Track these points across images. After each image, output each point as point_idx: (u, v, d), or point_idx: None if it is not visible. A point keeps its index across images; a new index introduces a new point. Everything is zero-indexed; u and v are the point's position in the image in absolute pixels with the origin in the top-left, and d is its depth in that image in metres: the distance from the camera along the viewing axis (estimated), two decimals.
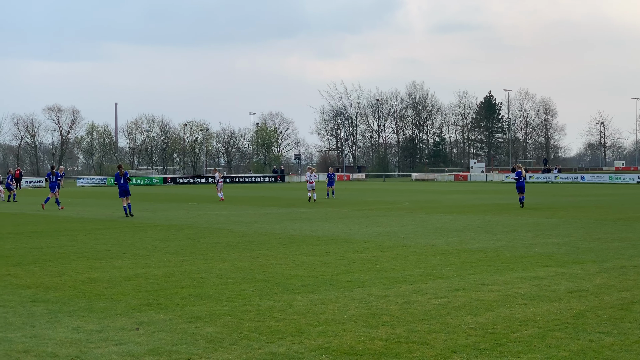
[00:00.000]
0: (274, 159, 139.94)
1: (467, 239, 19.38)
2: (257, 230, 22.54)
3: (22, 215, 31.82)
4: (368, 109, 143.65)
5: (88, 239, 20.11)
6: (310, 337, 8.40)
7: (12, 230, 23.45)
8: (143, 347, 7.99)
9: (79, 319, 9.42)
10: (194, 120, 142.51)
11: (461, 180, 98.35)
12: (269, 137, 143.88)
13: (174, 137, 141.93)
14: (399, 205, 37.36)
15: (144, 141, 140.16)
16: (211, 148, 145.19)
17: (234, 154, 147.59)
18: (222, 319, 9.37)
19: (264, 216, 29.14)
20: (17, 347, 7.98)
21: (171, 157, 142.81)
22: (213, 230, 22.48)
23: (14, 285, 12.14)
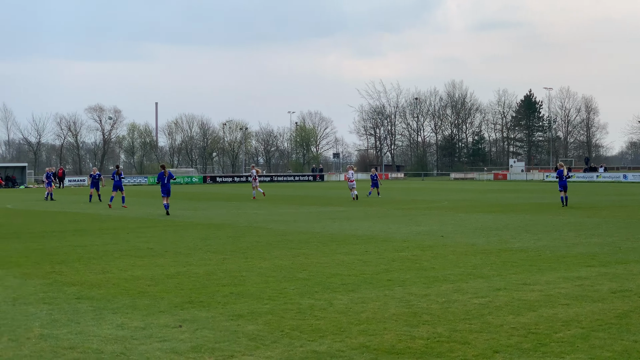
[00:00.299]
0: (313, 158, 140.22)
1: (507, 238, 19.26)
2: (297, 229, 22.62)
3: (65, 213, 32.26)
4: (407, 107, 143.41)
5: (130, 237, 20.36)
6: (351, 336, 8.43)
7: (56, 228, 23.80)
8: (186, 344, 8.09)
9: (123, 316, 9.55)
10: (233, 119, 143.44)
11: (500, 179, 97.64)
12: (308, 136, 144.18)
13: (214, 136, 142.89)
14: (438, 204, 37.22)
15: (184, 140, 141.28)
16: (250, 147, 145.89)
17: (273, 153, 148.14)
18: (263, 317, 9.45)
19: (303, 215, 29.23)
20: (63, 344, 8.12)
21: (210, 156, 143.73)
22: (253, 229, 22.61)
23: (59, 283, 12.34)
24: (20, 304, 10.45)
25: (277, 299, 10.75)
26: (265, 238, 19.71)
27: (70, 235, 21.00)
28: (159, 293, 11.29)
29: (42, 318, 9.48)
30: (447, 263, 14.53)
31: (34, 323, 9.18)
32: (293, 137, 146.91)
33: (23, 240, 19.79)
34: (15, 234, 21.53)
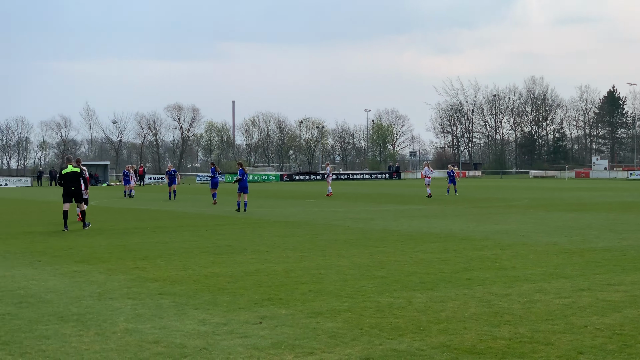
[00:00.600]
0: (389, 155, 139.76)
1: (590, 237, 18.85)
2: (374, 227, 22.59)
3: (146, 210, 32.92)
4: (485, 105, 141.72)
5: (210, 234, 20.64)
6: (431, 335, 8.38)
7: (137, 225, 24.30)
8: (267, 340, 8.16)
9: (204, 312, 9.70)
10: (309, 117, 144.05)
11: (582, 177, 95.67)
12: (384, 134, 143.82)
13: (290, 134, 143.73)
14: (517, 202, 36.69)
15: (261, 138, 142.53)
16: (326, 145, 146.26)
17: (349, 151, 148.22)
18: (342, 315, 9.47)
19: (380, 213, 29.18)
20: (147, 338, 8.29)
21: (287, 154, 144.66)
22: (330, 227, 22.67)
23: (142, 279, 12.60)
24: (106, 299, 10.71)
25: (355, 296, 10.76)
26: (343, 236, 19.74)
27: (151, 232, 21.41)
28: (239, 290, 11.42)
29: (127, 313, 9.70)
30: (528, 262, 14.31)
31: (119, 317, 9.40)
32: (369, 135, 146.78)
33: (107, 236, 20.28)
34: (99, 231, 22.08)
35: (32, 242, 18.95)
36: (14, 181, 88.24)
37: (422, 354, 7.60)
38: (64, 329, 8.78)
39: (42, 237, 20.20)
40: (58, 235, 20.95)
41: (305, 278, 12.54)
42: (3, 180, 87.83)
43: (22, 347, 7.98)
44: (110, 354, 7.64)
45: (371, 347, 7.84)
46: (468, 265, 13.96)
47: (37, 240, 19.46)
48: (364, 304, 10.20)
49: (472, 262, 14.31)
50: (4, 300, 10.72)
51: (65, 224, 22.61)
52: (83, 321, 9.21)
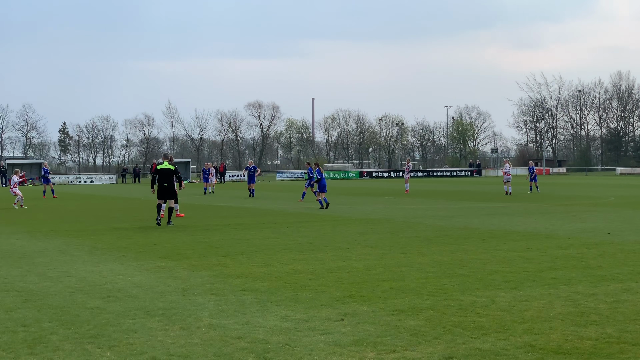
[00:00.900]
0: (470, 152, 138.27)
1: None
2: (455, 224, 22.39)
3: (227, 208, 33.33)
4: (569, 100, 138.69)
5: (290, 231, 20.78)
6: (516, 334, 8.26)
7: (219, 222, 24.63)
8: (349, 337, 8.17)
9: (286, 309, 9.77)
10: (389, 114, 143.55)
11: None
12: (465, 131, 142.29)
13: (370, 131, 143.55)
14: (603, 200, 35.84)
15: (340, 135, 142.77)
16: (406, 142, 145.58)
17: (429, 148, 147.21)
18: (424, 313, 9.41)
19: (461, 210, 28.90)
20: (231, 333, 8.40)
21: (367, 151, 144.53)
22: (411, 224, 22.56)
23: (224, 275, 12.76)
24: (190, 295, 10.89)
25: (437, 294, 10.68)
26: (424, 233, 19.62)
27: (233, 229, 21.67)
28: (320, 287, 11.46)
29: (210, 308, 9.84)
30: (615, 262, 13.97)
31: (203, 313, 9.55)
32: (450, 131, 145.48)
33: (189, 233, 20.61)
34: (181, 227, 22.45)
35: (118, 238, 19.41)
36: (99, 178, 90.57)
37: (507, 353, 7.50)
38: (150, 323, 8.96)
39: (127, 233, 20.66)
40: (143, 231, 21.40)
41: (386, 275, 12.51)
42: (89, 178, 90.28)
43: (110, 340, 8.18)
44: (195, 349, 7.77)
45: (454, 346, 7.77)
46: (553, 264, 13.70)
47: (123, 236, 19.91)
48: (446, 302, 10.12)
49: (557, 261, 14.04)
50: (93, 294, 11.01)
51: (158, 219, 23.26)
52: (168, 316, 9.39)
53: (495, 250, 15.86)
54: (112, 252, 16.19)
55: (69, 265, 14.22)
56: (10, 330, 8.70)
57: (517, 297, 10.42)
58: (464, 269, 13.19)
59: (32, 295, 11.01)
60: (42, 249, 17.03)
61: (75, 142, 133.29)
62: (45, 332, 8.55)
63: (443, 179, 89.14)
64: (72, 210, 32.42)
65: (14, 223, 25.01)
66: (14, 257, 15.49)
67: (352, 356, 7.44)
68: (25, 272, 13.30)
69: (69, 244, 17.90)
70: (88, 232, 21.05)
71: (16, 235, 20.35)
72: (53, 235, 20.24)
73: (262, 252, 15.99)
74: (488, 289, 11.14)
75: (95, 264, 14.28)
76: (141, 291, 11.22)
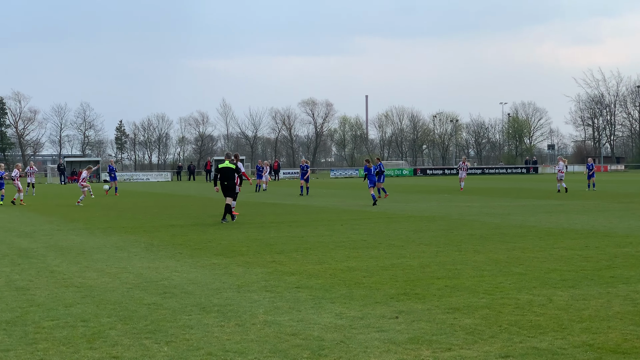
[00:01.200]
0: (526, 149, 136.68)
1: None
2: (511, 222, 22.15)
3: (281, 205, 33.46)
4: (628, 96, 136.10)
5: (344, 229, 20.78)
6: (573, 333, 8.14)
7: (273, 219, 24.74)
8: (404, 335, 8.14)
9: (341, 306, 9.77)
10: (443, 111, 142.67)
11: None
12: (521, 128, 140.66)
13: (424, 128, 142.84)
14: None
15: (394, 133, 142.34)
16: (461, 139, 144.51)
17: (484, 145, 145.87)
18: (480, 311, 9.33)
19: (517, 208, 28.58)
20: (286, 330, 8.44)
21: (420, 148, 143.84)
22: (466, 222, 22.39)
23: (279, 272, 12.82)
24: (245, 291, 10.96)
25: (493, 293, 10.58)
26: (479, 231, 19.45)
27: (287, 226, 21.75)
28: (375, 284, 11.45)
29: (265, 305, 9.90)
30: None
31: (258, 309, 9.60)
32: (505, 128, 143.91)
33: (244, 230, 20.75)
34: (236, 224, 22.62)
35: (174, 235, 19.63)
36: (155, 176, 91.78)
37: (564, 352, 7.39)
38: (206, 319, 9.05)
39: (182, 230, 20.88)
40: (197, 228, 21.60)
41: (441, 273, 12.44)
42: (145, 175, 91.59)
43: (167, 335, 8.28)
44: (250, 345, 7.82)
45: (511, 345, 7.69)
46: (611, 262, 13.47)
47: (178, 233, 20.13)
48: (502, 300, 10.02)
49: (616, 260, 13.80)
50: (149, 290, 11.16)
51: (224, 216, 23.68)
52: (224, 312, 9.47)
53: (553, 248, 15.65)
54: (168, 249, 16.38)
55: (126, 261, 14.43)
56: (70, 325, 8.86)
57: (575, 296, 10.27)
58: (521, 267, 13.04)
59: (91, 291, 11.20)
60: (100, 245, 17.32)
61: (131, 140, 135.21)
62: (104, 327, 8.70)
63: (498, 176, 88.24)
64: (128, 207, 32.90)
65: (73, 220, 25.47)
66: (72, 254, 15.78)
67: (407, 354, 7.42)
68: (84, 268, 13.54)
69: (126, 241, 18.17)
70: (144, 229, 21.33)
71: (75, 232, 20.73)
72: (110, 232, 20.57)
73: (316, 249, 16.03)
74: (545, 287, 11.00)
75: (151, 261, 14.47)
76: (197, 288, 11.33)
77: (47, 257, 15.32)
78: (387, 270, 12.80)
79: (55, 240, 18.67)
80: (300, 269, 13.15)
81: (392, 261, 13.97)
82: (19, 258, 15.16)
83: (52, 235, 20.02)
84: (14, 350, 7.73)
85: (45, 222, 24.81)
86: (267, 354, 7.50)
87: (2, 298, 10.68)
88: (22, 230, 21.70)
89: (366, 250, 15.67)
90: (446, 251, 15.38)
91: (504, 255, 14.64)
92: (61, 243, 17.90)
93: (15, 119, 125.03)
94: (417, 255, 14.75)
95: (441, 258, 14.34)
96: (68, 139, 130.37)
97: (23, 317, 9.32)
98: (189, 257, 14.94)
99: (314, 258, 14.57)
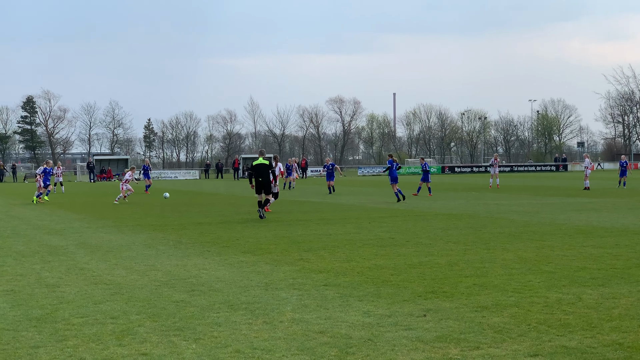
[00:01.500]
0: (555, 147, 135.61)
1: None
2: (540, 220, 21.99)
3: (308, 202, 33.47)
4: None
5: (372, 226, 20.75)
6: (603, 332, 8.07)
7: (301, 217, 24.76)
8: (431, 333, 8.12)
9: (368, 304, 9.76)
10: (471, 108, 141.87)
11: None
12: (550, 125, 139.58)
13: (452, 126, 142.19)
14: None
15: (422, 130, 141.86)
16: (489, 137, 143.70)
17: (513, 143, 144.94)
18: (508, 310, 9.27)
19: (546, 206, 28.37)
20: (313, 328, 8.44)
21: (448, 146, 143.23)
22: (494, 220, 22.26)
23: (306, 270, 12.83)
24: (272, 289, 10.98)
25: (522, 291, 10.51)
26: (507, 229, 19.34)
27: (315, 224, 21.76)
28: (402, 282, 11.42)
29: (293, 303, 9.91)
30: None
31: (286, 307, 9.62)
32: (534, 126, 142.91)
33: (271, 228, 20.78)
34: (264, 222, 22.66)
35: (202, 232, 19.71)
36: (183, 174, 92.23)
37: (594, 351, 7.33)
38: (234, 317, 9.08)
39: (210, 228, 20.96)
40: (225, 226, 21.68)
41: (469, 271, 12.38)
42: (173, 173, 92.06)
43: (195, 333, 8.32)
44: (278, 342, 7.84)
45: (539, 344, 7.64)
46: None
47: (206, 231, 20.21)
48: (531, 299, 9.95)
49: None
50: (178, 287, 11.21)
51: (260, 213, 23.98)
52: (252, 310, 9.50)
53: (582, 246, 15.52)
54: (196, 247, 16.46)
55: (155, 259, 14.52)
56: (99, 322, 8.93)
57: (605, 295, 10.17)
58: (550, 265, 12.95)
59: (120, 288, 11.28)
60: (129, 242, 17.44)
61: (159, 138, 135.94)
62: (133, 324, 8.76)
63: (527, 173, 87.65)
64: (156, 205, 33.08)
65: (102, 217, 25.66)
66: (102, 251, 15.91)
67: (435, 352, 7.39)
68: (113, 266, 13.64)
69: (154, 238, 18.28)
70: (172, 227, 21.44)
71: (104, 230, 20.89)
72: (139, 230, 20.70)
73: (344, 247, 16.02)
74: (574, 286, 10.91)
75: (179, 258, 14.54)
76: (225, 285, 11.37)
77: (77, 254, 15.46)
78: (415, 268, 12.76)
79: (84, 237, 18.83)
80: (328, 266, 13.15)
81: (419, 259, 13.93)
82: (49, 255, 15.31)
83: (82, 232, 20.20)
84: (44, 347, 7.80)
85: (75, 219, 25.03)
86: (294, 351, 7.51)
87: (33, 295, 10.79)
88: (53, 227, 21.91)
89: (394, 248, 15.63)
90: (474, 249, 15.31)
91: (532, 253, 14.54)
92: (90, 240, 18.05)
93: (45, 117, 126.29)
94: (445, 253, 14.69)
95: (469, 256, 14.27)
96: (97, 137, 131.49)
97: (53, 314, 9.41)
98: (216, 255, 14.99)
99: (342, 256, 14.56)
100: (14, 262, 14.32)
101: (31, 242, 17.98)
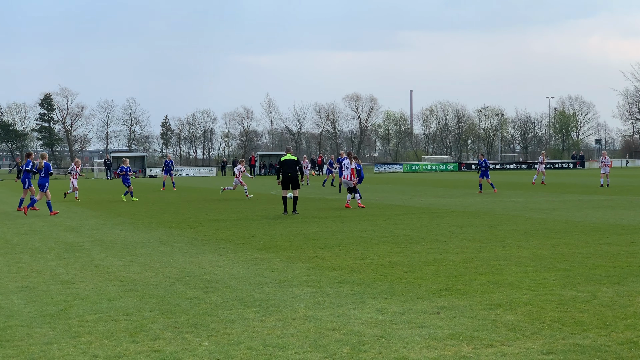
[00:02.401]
0: (573, 144, 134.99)
1: None
2: (556, 217, 21.88)
3: (324, 200, 33.47)
4: None
5: (387, 224, 20.71)
6: (618, 330, 8.01)
7: (316, 214, 24.75)
8: (445, 331, 8.09)
9: (382, 301, 9.74)
10: (488, 105, 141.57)
11: None
12: (568, 122, 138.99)
13: (469, 123, 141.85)
14: None
15: (439, 127, 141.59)
16: (506, 134, 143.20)
17: (530, 140, 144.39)
18: (523, 308, 9.23)
19: (562, 203, 28.23)
20: (326, 325, 8.43)
21: (465, 143, 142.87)
22: (510, 217, 22.18)
23: (320, 267, 12.82)
24: (286, 286, 10.98)
25: (536, 289, 10.46)
26: (523, 226, 19.25)
27: (330, 221, 21.74)
28: (416, 280, 11.39)
29: (307, 300, 9.91)
30: None
31: (299, 304, 9.62)
32: (551, 123, 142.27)
33: (286, 225, 20.79)
34: (279, 219, 22.67)
35: (217, 229, 19.74)
36: (199, 171, 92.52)
37: (608, 350, 7.28)
38: (247, 314, 9.09)
39: (225, 225, 20.99)
40: (240, 223, 21.69)
41: (484, 269, 12.33)
42: (190, 170, 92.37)
43: (208, 329, 8.33)
44: (290, 339, 7.83)
45: (553, 342, 7.59)
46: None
47: (221, 228, 20.24)
48: (545, 297, 9.90)
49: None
50: (192, 284, 11.23)
51: (285, 209, 24.38)
52: (265, 307, 9.50)
53: (598, 244, 15.43)
54: (211, 244, 16.48)
55: (170, 256, 14.55)
56: (113, 318, 8.96)
57: (620, 293, 10.11)
58: (565, 263, 12.88)
59: (134, 285, 11.32)
60: (144, 239, 17.49)
61: (176, 135, 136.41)
62: (147, 321, 8.78)
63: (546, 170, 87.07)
64: (172, 202, 33.17)
65: (118, 214, 25.76)
66: (117, 248, 15.96)
67: (448, 350, 7.37)
68: (128, 263, 13.69)
69: (170, 235, 18.33)
70: (188, 224, 21.49)
71: (119, 227, 20.96)
72: (154, 227, 20.76)
73: (358, 244, 16.00)
74: (590, 283, 10.84)
75: (194, 255, 14.57)
76: (239, 282, 11.39)
77: (92, 251, 15.53)
78: (430, 266, 12.73)
79: (100, 234, 18.91)
80: (342, 264, 13.14)
81: (434, 256, 13.90)
82: (65, 252, 15.38)
83: (98, 229, 20.28)
84: (58, 344, 7.83)
85: (91, 216, 25.14)
86: (307, 348, 7.51)
87: (47, 292, 10.84)
88: (69, 224, 22.01)
89: (409, 246, 15.60)
90: (489, 247, 15.25)
91: (548, 251, 14.47)
92: (106, 237, 18.12)
93: (63, 114, 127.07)
94: (460, 251, 14.65)
95: (484, 254, 14.22)
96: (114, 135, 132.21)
97: (67, 311, 9.45)
98: (231, 252, 15.01)
99: (356, 253, 14.55)
100: (30, 259, 14.40)
101: (47, 238, 18.07)
